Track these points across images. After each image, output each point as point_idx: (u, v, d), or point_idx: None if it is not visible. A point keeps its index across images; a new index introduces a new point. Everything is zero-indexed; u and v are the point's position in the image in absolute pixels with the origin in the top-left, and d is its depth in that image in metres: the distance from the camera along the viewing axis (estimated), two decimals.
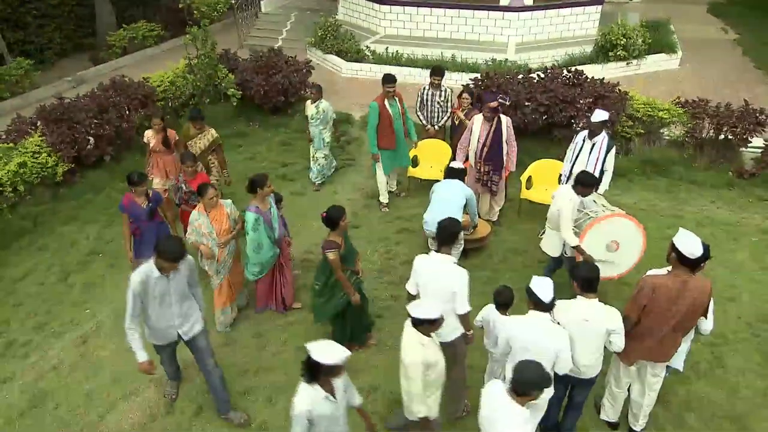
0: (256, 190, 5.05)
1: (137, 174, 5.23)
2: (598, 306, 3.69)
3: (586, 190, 4.99)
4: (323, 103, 7.30)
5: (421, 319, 3.44)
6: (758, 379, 4.68)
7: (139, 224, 5.33)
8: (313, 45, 12.52)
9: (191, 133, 6.55)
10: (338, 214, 4.54)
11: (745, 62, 11.81)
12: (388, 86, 6.48)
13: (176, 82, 9.21)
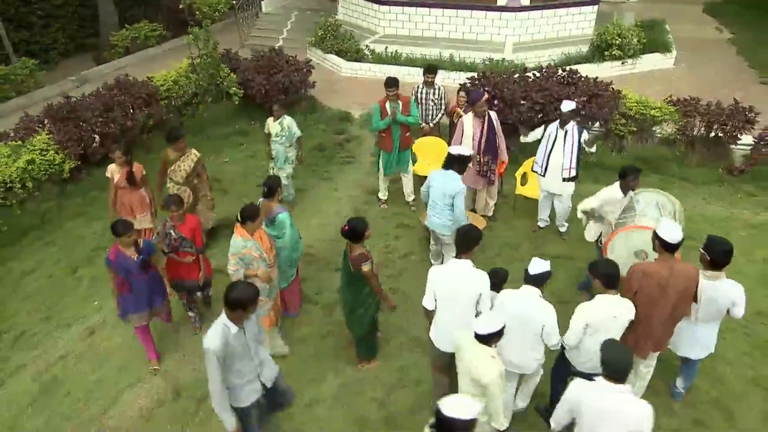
0: (274, 194, 5.09)
1: (121, 224, 4.57)
2: (620, 301, 3.82)
3: (628, 182, 5.10)
4: (287, 119, 6.93)
5: (490, 334, 3.46)
6: (746, 369, 4.86)
7: (130, 278, 4.66)
8: (314, 45, 12.69)
9: (172, 157, 6.00)
10: (363, 227, 4.41)
11: (739, 62, 11.98)
12: (389, 90, 6.52)
13: (179, 82, 9.39)
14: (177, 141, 5.99)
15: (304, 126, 9.52)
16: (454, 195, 5.22)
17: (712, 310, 3.97)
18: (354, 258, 4.47)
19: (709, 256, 3.87)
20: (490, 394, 3.45)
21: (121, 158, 5.79)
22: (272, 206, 5.12)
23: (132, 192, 5.89)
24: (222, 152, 8.96)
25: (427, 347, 5.19)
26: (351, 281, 4.64)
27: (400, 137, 6.79)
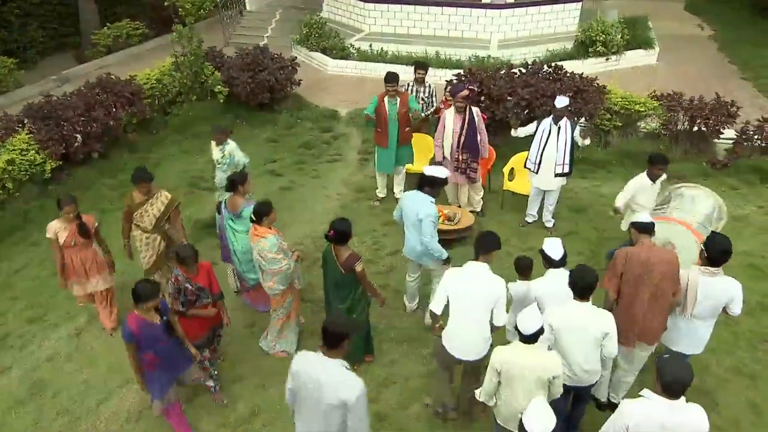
0: (236, 188, 5.11)
1: (145, 287, 3.81)
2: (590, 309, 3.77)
3: (654, 169, 5.31)
4: (230, 144, 6.32)
5: (536, 332, 3.41)
6: (727, 357, 4.93)
7: (156, 349, 3.93)
8: (299, 43, 12.63)
9: (137, 201, 5.14)
10: (348, 227, 4.35)
11: (720, 58, 12.17)
12: (388, 85, 6.48)
13: (163, 80, 9.28)
14: (142, 183, 5.04)
15: (291, 124, 9.52)
16: (423, 218, 4.72)
17: (709, 306, 3.99)
18: (345, 261, 4.36)
19: (707, 253, 3.92)
20: (555, 382, 3.48)
21: (70, 213, 4.83)
22: (238, 200, 5.08)
23: (84, 248, 5.00)
24: (208, 151, 8.83)
25: (416, 343, 5.21)
26: (341, 284, 4.51)
27: (398, 132, 6.73)
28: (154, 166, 8.45)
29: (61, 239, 4.91)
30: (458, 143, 6.31)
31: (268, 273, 4.67)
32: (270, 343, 5.15)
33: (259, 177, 8.06)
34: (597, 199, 7.33)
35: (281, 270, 4.63)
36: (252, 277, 5.19)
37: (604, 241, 6.54)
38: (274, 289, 4.76)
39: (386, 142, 6.75)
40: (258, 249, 4.63)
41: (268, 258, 4.58)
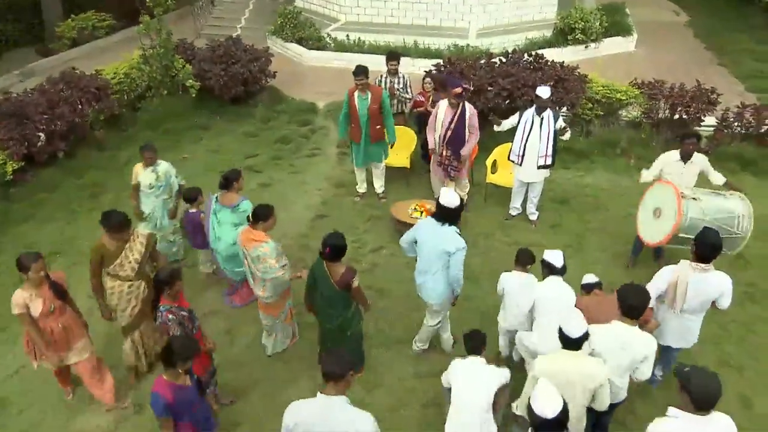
0: (232, 184, 5.14)
1: (187, 342, 3.35)
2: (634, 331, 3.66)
3: (684, 146, 5.44)
4: (162, 164, 5.64)
5: (581, 336, 3.31)
6: (715, 349, 4.90)
7: (193, 417, 3.42)
8: (274, 33, 12.28)
9: (111, 249, 4.33)
10: (343, 242, 4.13)
11: (697, 44, 12.20)
12: (357, 79, 6.23)
13: (131, 74, 8.90)
14: (118, 229, 4.30)
15: (268, 118, 9.24)
16: (455, 252, 4.26)
17: (699, 301, 3.93)
18: (341, 278, 4.12)
19: (696, 249, 3.84)
20: (601, 390, 3.34)
21: (39, 271, 3.91)
22: (233, 196, 5.15)
23: (64, 312, 4.14)
24: (181, 148, 8.54)
25: (404, 346, 5.06)
26: (334, 302, 4.26)
27: (369, 129, 6.50)
28: (124, 164, 8.11)
29: (35, 310, 3.94)
30: (444, 137, 6.16)
31: (262, 280, 4.47)
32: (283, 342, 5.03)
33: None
34: (581, 190, 7.26)
35: (277, 278, 4.44)
36: (237, 270, 5.07)
37: (588, 232, 6.47)
38: (266, 298, 4.57)
39: (359, 137, 6.56)
40: (255, 255, 4.40)
41: (266, 264, 4.38)
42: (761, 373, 4.66)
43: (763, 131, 7.52)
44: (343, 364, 3.02)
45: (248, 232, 4.47)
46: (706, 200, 5.13)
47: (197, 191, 5.56)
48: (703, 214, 5.04)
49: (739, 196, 5.20)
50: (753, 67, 10.69)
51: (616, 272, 5.82)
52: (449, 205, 4.26)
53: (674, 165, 5.51)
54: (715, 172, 5.48)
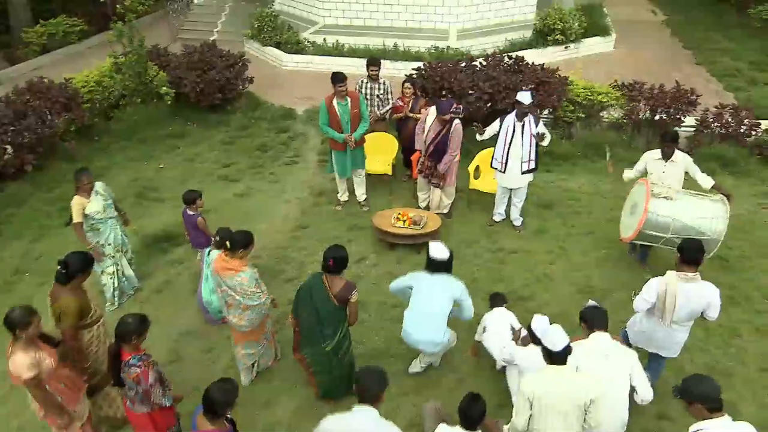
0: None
1: (228, 386, 3.14)
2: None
3: (665, 147, 5.41)
4: (98, 185, 5.24)
5: (566, 348, 3.28)
6: (701, 355, 4.85)
7: None
8: (251, 37, 12.09)
9: (85, 300, 3.97)
10: (346, 254, 4.03)
11: (674, 43, 12.29)
12: (338, 86, 6.05)
13: (103, 82, 8.64)
14: (87, 271, 3.98)
15: (245, 125, 9.04)
16: (461, 297, 4.33)
17: (687, 312, 3.88)
18: (340, 291, 3.98)
19: (681, 256, 3.80)
20: (594, 407, 3.24)
21: (35, 324, 3.50)
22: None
23: (63, 366, 3.75)
24: (156, 157, 8.31)
25: (385, 359, 4.92)
26: (329, 319, 4.09)
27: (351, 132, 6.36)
28: (99, 176, 7.80)
29: (45, 370, 3.49)
30: (427, 149, 6.14)
31: (238, 308, 4.29)
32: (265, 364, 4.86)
33: (212, 184, 7.61)
34: (563, 194, 7.20)
35: (256, 306, 4.28)
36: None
37: (572, 237, 6.41)
38: (242, 327, 4.37)
39: (343, 146, 6.38)
40: (231, 284, 4.19)
41: (246, 293, 4.21)
42: (749, 380, 4.62)
43: (741, 131, 7.54)
44: (381, 382, 3.15)
45: (222, 261, 4.23)
46: (679, 200, 5.20)
47: (197, 194, 5.38)
48: (672, 212, 5.14)
49: (719, 199, 5.21)
50: (729, 65, 10.79)
51: (600, 278, 5.77)
52: (441, 258, 4.29)
53: (656, 163, 5.53)
54: (703, 175, 5.44)
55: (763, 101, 9.14)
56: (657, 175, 5.51)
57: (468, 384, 4.51)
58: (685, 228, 5.14)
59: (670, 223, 5.16)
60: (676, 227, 5.17)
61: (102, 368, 4.06)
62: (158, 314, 5.40)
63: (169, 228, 6.61)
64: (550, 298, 5.54)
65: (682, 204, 5.18)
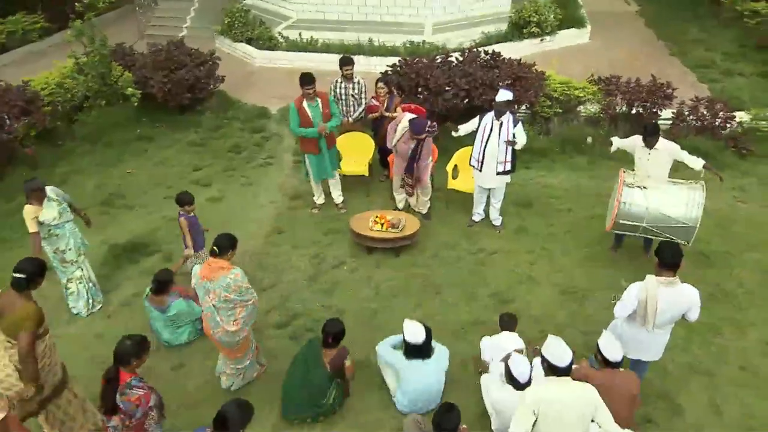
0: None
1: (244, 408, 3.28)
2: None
3: (645, 138, 5.39)
4: (50, 189, 5.04)
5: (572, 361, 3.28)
6: (683, 354, 4.82)
7: None
8: (222, 33, 11.73)
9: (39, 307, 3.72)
10: (342, 326, 4.11)
11: (649, 34, 12.29)
12: (307, 88, 5.83)
13: (65, 84, 8.25)
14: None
15: (217, 126, 8.75)
16: (447, 361, 4.38)
17: (669, 316, 3.84)
18: (333, 359, 4.05)
19: (660, 260, 3.74)
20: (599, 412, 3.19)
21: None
22: (165, 298, 4.91)
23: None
24: (124, 162, 7.99)
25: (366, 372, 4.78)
26: (317, 388, 4.18)
27: (326, 136, 6.16)
28: (62, 182, 7.52)
29: None
30: (404, 167, 6.11)
31: (230, 315, 4.18)
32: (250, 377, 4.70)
33: (183, 188, 7.23)
34: (543, 191, 7.13)
35: (250, 303, 4.25)
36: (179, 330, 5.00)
37: (553, 236, 6.34)
38: (239, 334, 4.26)
39: (317, 149, 6.17)
40: (224, 284, 4.10)
41: (241, 289, 4.17)
42: (730, 378, 4.61)
43: (717, 124, 7.55)
44: (458, 420, 3.45)
45: (212, 263, 4.16)
46: (654, 189, 5.21)
47: (190, 197, 5.35)
48: (646, 201, 5.16)
49: (698, 186, 5.19)
50: (703, 56, 10.83)
51: (582, 278, 5.71)
52: (417, 342, 4.15)
53: (641, 151, 5.54)
54: (692, 157, 5.42)
55: (736, 92, 9.22)
56: (642, 161, 5.52)
57: (450, 396, 4.39)
58: (658, 217, 5.15)
59: (644, 212, 5.17)
60: (650, 216, 5.17)
61: (54, 380, 3.88)
62: (126, 329, 5.16)
63: (138, 237, 6.36)
64: (533, 300, 5.47)
65: (656, 193, 5.19)
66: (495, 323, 5.13)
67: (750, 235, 6.26)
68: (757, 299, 5.39)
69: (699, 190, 5.13)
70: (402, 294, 5.54)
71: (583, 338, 4.96)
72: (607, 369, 3.66)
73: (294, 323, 5.20)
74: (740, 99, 8.82)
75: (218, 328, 4.23)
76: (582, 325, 5.14)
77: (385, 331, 5.03)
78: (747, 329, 5.06)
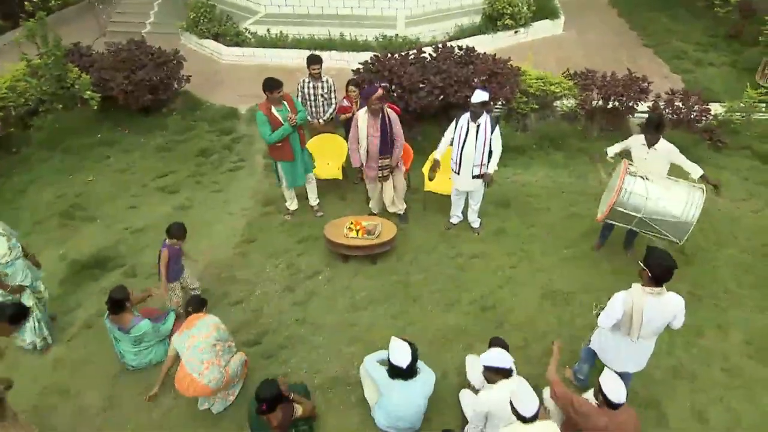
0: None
1: None
2: None
3: (647, 135, 5.20)
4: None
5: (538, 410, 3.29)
6: (666, 358, 4.75)
7: None
8: (187, 29, 11.27)
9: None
10: (276, 390, 3.80)
11: (621, 24, 12.25)
12: (275, 92, 5.48)
13: (17, 87, 7.77)
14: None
15: (184, 128, 8.38)
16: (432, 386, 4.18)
17: (655, 326, 3.73)
18: (282, 422, 3.84)
19: (650, 273, 3.57)
20: None
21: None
22: (128, 317, 4.58)
23: None
24: (84, 168, 7.58)
25: (344, 387, 4.59)
26: None
27: (298, 137, 5.86)
28: (19, 192, 7.14)
29: None
30: (380, 149, 5.72)
31: (219, 363, 4.20)
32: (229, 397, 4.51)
33: (148, 196, 7.01)
34: (521, 190, 6.99)
35: (228, 344, 4.38)
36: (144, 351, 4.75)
37: (532, 237, 6.21)
38: (213, 378, 4.17)
39: (291, 154, 5.89)
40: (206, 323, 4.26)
41: (220, 328, 4.32)
42: (714, 382, 4.55)
43: (692, 117, 7.51)
44: None
45: (191, 319, 4.33)
46: (656, 182, 5.08)
47: (184, 231, 4.89)
48: (647, 191, 5.02)
49: (699, 187, 5.09)
50: (675, 47, 10.81)
51: (563, 281, 5.59)
52: (400, 365, 3.94)
53: (640, 149, 5.38)
54: (691, 164, 5.25)
55: (708, 83, 9.22)
56: (639, 161, 5.39)
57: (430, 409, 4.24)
58: (656, 210, 5.02)
59: (643, 204, 5.03)
60: (648, 208, 5.03)
61: None
62: (89, 353, 4.89)
63: (100, 252, 6.02)
64: (515, 305, 5.33)
65: (657, 186, 5.05)
66: (477, 331, 5.03)
67: (727, 231, 6.24)
68: (736, 298, 5.35)
69: (699, 192, 5.01)
70: (380, 303, 5.35)
71: (566, 345, 4.84)
72: (608, 409, 3.48)
73: (266, 339, 4.97)
74: (712, 90, 8.82)
75: (201, 375, 4.12)
76: (565, 330, 5.04)
77: (363, 344, 4.87)
78: (729, 330, 5.01)
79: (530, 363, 4.69)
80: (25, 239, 6.18)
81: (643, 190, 5.04)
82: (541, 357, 4.75)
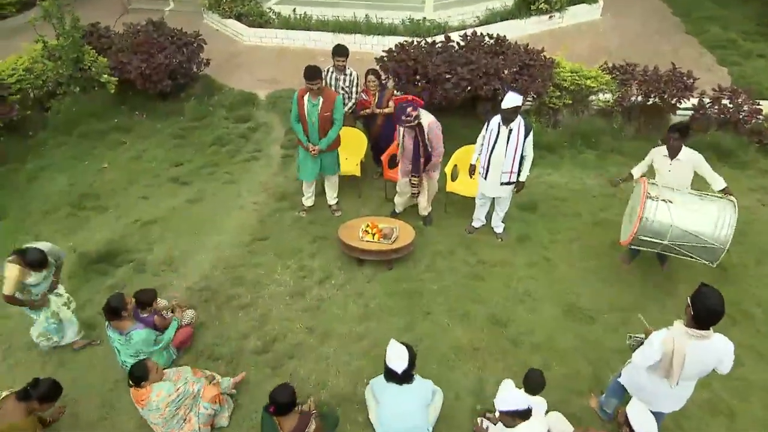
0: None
1: None
2: None
3: (670, 139, 4.84)
4: (47, 246, 4.45)
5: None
6: (703, 391, 4.32)
7: None
8: (209, 8, 11.01)
9: None
10: (291, 395, 3.62)
11: (662, 8, 11.51)
12: (309, 83, 5.24)
13: (35, 69, 7.63)
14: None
15: (201, 114, 8.15)
16: (430, 396, 3.97)
17: (697, 371, 3.37)
18: (295, 430, 3.62)
19: (692, 312, 3.19)
20: None
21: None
22: (126, 323, 4.36)
23: None
24: (99, 155, 7.45)
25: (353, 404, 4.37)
26: None
27: (319, 138, 5.60)
28: (31, 179, 7.06)
29: None
30: (422, 165, 5.51)
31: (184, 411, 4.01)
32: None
33: (159, 187, 6.84)
34: (548, 192, 6.58)
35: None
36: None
37: (557, 244, 5.83)
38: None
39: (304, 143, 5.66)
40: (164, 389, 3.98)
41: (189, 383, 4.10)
42: (754, 419, 4.17)
43: (740, 118, 6.93)
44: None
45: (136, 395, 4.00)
46: (681, 204, 4.67)
47: (152, 295, 4.62)
48: (671, 218, 4.64)
49: (727, 200, 4.67)
50: (719, 35, 10.05)
51: (588, 297, 5.20)
52: (395, 369, 3.74)
53: (662, 160, 4.99)
54: (714, 175, 4.85)
55: (756, 77, 8.53)
56: (663, 173, 4.99)
57: None
58: (684, 235, 4.64)
59: (668, 229, 4.65)
60: (674, 234, 4.65)
61: None
62: (90, 358, 4.76)
63: (110, 244, 5.88)
64: (534, 321, 4.98)
65: (683, 208, 4.65)
66: (491, 349, 4.73)
67: None
68: None
69: (730, 210, 4.58)
70: (392, 314, 5.07)
71: (590, 368, 4.53)
72: None
73: (274, 349, 4.76)
74: (762, 85, 8.15)
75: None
76: (590, 353, 4.69)
77: (371, 359, 4.63)
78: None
79: (549, 386, 4.35)
80: (35, 230, 6.17)
81: (666, 217, 4.64)
82: (561, 380, 4.44)
